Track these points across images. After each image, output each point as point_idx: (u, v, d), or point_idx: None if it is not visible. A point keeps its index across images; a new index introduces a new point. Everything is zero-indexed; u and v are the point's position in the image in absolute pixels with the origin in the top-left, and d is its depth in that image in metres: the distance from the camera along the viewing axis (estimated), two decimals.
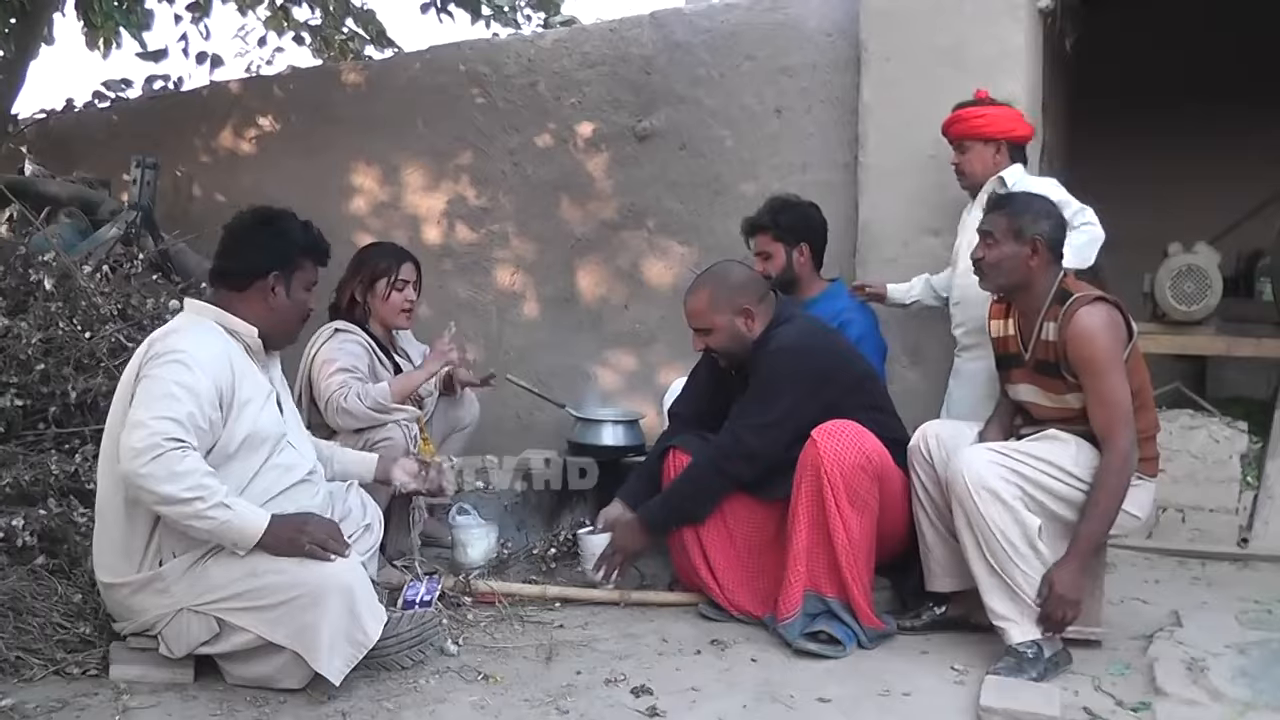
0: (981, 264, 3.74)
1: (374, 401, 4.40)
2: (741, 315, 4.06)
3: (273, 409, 3.48)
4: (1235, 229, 7.04)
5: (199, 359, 3.23)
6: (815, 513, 3.79)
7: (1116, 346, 3.52)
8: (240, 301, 3.47)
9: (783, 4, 5.73)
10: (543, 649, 3.73)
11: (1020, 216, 3.66)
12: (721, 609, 4.05)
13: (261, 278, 3.47)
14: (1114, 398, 3.50)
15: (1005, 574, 3.48)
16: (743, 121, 5.83)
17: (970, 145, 4.55)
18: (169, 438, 3.08)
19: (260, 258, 3.48)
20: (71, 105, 8.75)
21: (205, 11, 8.95)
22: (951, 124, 4.60)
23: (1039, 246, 3.63)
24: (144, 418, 3.10)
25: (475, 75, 6.53)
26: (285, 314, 3.54)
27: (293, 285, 3.53)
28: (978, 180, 4.57)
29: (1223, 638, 3.71)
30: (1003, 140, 4.52)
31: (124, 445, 3.10)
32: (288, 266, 3.51)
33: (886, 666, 3.60)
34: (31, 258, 4.96)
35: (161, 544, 3.25)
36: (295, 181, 6.94)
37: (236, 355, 3.38)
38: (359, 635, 3.21)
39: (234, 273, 3.50)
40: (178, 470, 3.06)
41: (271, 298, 3.49)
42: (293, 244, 3.55)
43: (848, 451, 3.77)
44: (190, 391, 3.17)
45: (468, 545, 4.52)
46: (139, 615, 3.30)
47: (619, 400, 6.03)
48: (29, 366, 4.40)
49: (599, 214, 6.25)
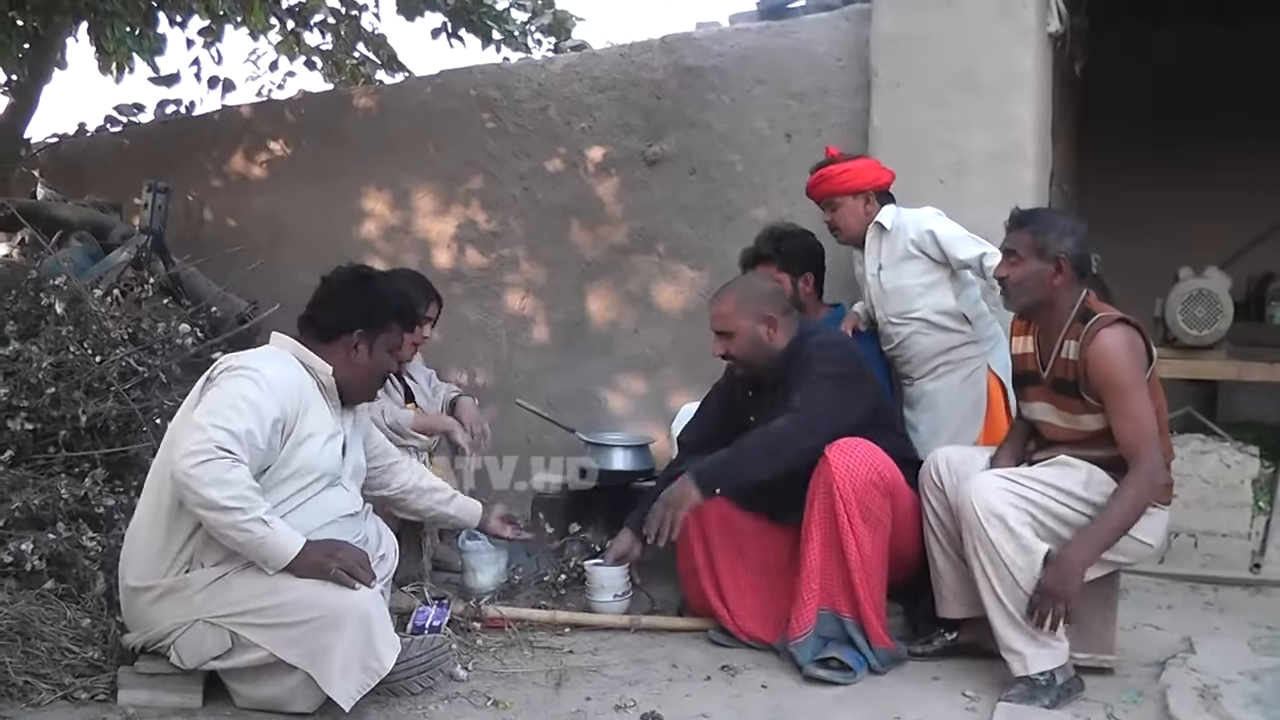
0: (1005, 283, 3.71)
1: (395, 421, 4.44)
2: (765, 323, 4.06)
3: (335, 449, 3.52)
4: (1246, 253, 7.05)
5: (271, 381, 3.31)
6: (828, 530, 3.78)
7: (1138, 367, 3.50)
8: (323, 351, 3.54)
9: (793, 29, 5.75)
10: (552, 674, 3.72)
11: (1045, 234, 3.62)
12: (731, 635, 4.04)
13: (347, 334, 3.54)
14: (1138, 414, 3.47)
15: (1014, 602, 3.46)
16: (753, 146, 5.84)
17: (840, 201, 4.66)
18: (222, 447, 3.12)
19: (349, 315, 3.55)
20: (84, 129, 8.80)
21: (217, 36, 8.99)
22: (817, 185, 4.71)
23: (1063, 265, 3.60)
24: (204, 422, 3.17)
25: (486, 100, 6.55)
26: (364, 371, 3.60)
27: (375, 346, 3.59)
28: (855, 233, 4.69)
29: (1236, 664, 3.69)
30: (869, 190, 4.63)
31: (181, 443, 3.16)
32: (374, 328, 3.58)
33: (897, 693, 3.58)
34: (43, 281, 4.96)
35: (194, 553, 3.27)
36: (306, 206, 6.96)
37: (309, 388, 3.45)
38: (373, 663, 3.20)
39: (321, 324, 3.57)
40: (224, 478, 3.10)
41: (354, 354, 3.56)
42: (384, 306, 3.62)
43: (860, 467, 3.76)
44: (254, 408, 3.23)
45: (477, 570, 4.51)
46: (156, 624, 3.29)
47: (629, 425, 6.02)
48: (40, 390, 4.41)
49: (609, 238, 6.26)
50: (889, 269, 4.58)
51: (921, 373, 4.61)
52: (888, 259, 4.59)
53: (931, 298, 4.52)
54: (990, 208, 4.59)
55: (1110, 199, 6.95)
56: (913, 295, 4.54)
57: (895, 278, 4.55)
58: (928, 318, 4.54)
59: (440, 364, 6.12)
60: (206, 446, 3.11)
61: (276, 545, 3.18)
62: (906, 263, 4.53)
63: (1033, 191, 4.91)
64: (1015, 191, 4.86)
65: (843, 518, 3.74)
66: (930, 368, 4.59)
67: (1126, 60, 7.10)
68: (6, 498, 3.93)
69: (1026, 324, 3.83)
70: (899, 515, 3.86)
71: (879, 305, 4.66)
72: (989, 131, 4.95)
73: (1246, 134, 7.16)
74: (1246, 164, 7.25)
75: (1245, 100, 7.26)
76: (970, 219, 4.65)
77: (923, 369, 4.61)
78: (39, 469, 4.28)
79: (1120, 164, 7.17)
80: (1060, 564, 3.43)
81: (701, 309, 5.93)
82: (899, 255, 4.54)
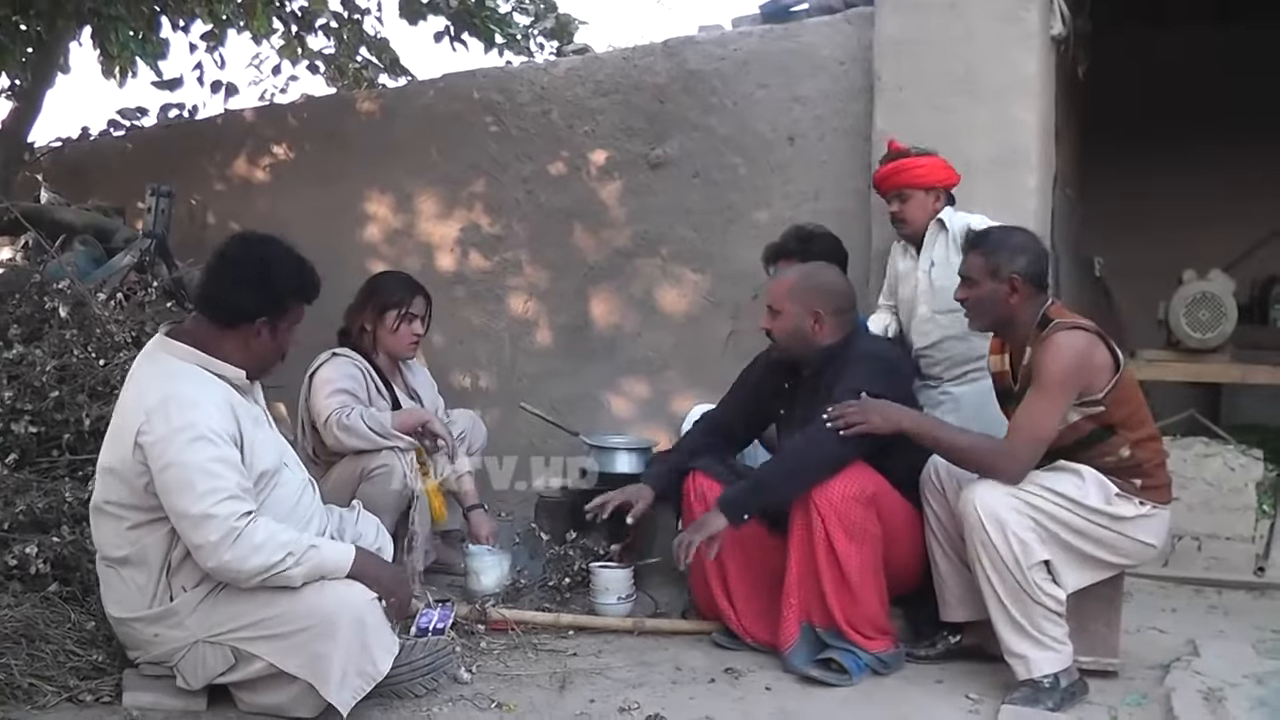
0: (965, 305, 3.80)
1: (378, 424, 4.42)
2: (811, 316, 4.05)
3: (268, 434, 3.46)
4: (1250, 256, 7.05)
5: (214, 427, 3.16)
6: (806, 546, 3.79)
7: (1072, 375, 3.52)
8: (223, 338, 3.33)
9: (795, 32, 5.75)
10: (556, 677, 3.72)
11: (996, 255, 3.69)
12: (736, 637, 4.05)
13: (249, 321, 3.33)
14: (1039, 415, 3.52)
15: (1017, 606, 3.47)
16: (756, 149, 5.84)
17: (912, 194, 4.65)
18: (239, 516, 3.09)
19: (250, 303, 3.33)
20: (87, 133, 8.80)
21: (220, 40, 8.99)
22: (894, 175, 4.69)
23: (1017, 284, 3.66)
24: (205, 509, 3.07)
25: (489, 103, 6.55)
26: (266, 353, 3.42)
27: (279, 328, 3.40)
28: (919, 227, 4.68)
29: (1240, 667, 3.69)
30: (941, 187, 4.65)
31: (197, 543, 3.10)
32: (276, 312, 3.37)
33: (901, 696, 3.59)
34: (46, 285, 4.97)
35: (172, 580, 3.24)
36: (309, 209, 6.96)
37: (229, 394, 3.30)
38: (369, 668, 3.19)
39: (221, 310, 3.35)
40: (257, 543, 3.09)
41: (254, 340, 3.35)
42: (284, 288, 3.39)
43: (836, 483, 3.74)
44: (225, 463, 3.14)
45: (481, 573, 4.52)
46: (154, 647, 3.29)
47: (632, 428, 6.02)
48: (44, 394, 4.40)
49: (612, 242, 6.26)
50: (940, 265, 4.59)
51: (951, 375, 4.61)
52: (940, 256, 4.60)
53: None
54: (993, 212, 4.61)
55: (1113, 202, 6.96)
56: None
57: (945, 275, 4.54)
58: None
59: (444, 367, 6.13)
60: (226, 528, 3.06)
61: (333, 558, 3.24)
62: (957, 261, 4.53)
63: (1036, 195, 4.92)
64: (1018, 195, 4.88)
65: (819, 533, 3.73)
66: (961, 371, 4.59)
67: (1129, 63, 7.10)
68: (11, 501, 3.92)
69: (1001, 343, 3.87)
70: (897, 526, 3.86)
71: (923, 301, 4.65)
72: (992, 135, 4.95)
73: (1250, 136, 7.17)
74: (1250, 166, 7.26)
75: (1249, 102, 7.27)
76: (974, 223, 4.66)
77: (953, 372, 4.61)
78: (43, 472, 4.28)
79: (1123, 167, 7.17)
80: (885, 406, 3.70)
81: (704, 312, 5.95)
82: (952, 253, 4.55)
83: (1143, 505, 3.56)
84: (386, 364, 4.83)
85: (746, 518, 3.82)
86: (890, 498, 3.84)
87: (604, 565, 4.43)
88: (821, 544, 3.73)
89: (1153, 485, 3.61)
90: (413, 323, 4.80)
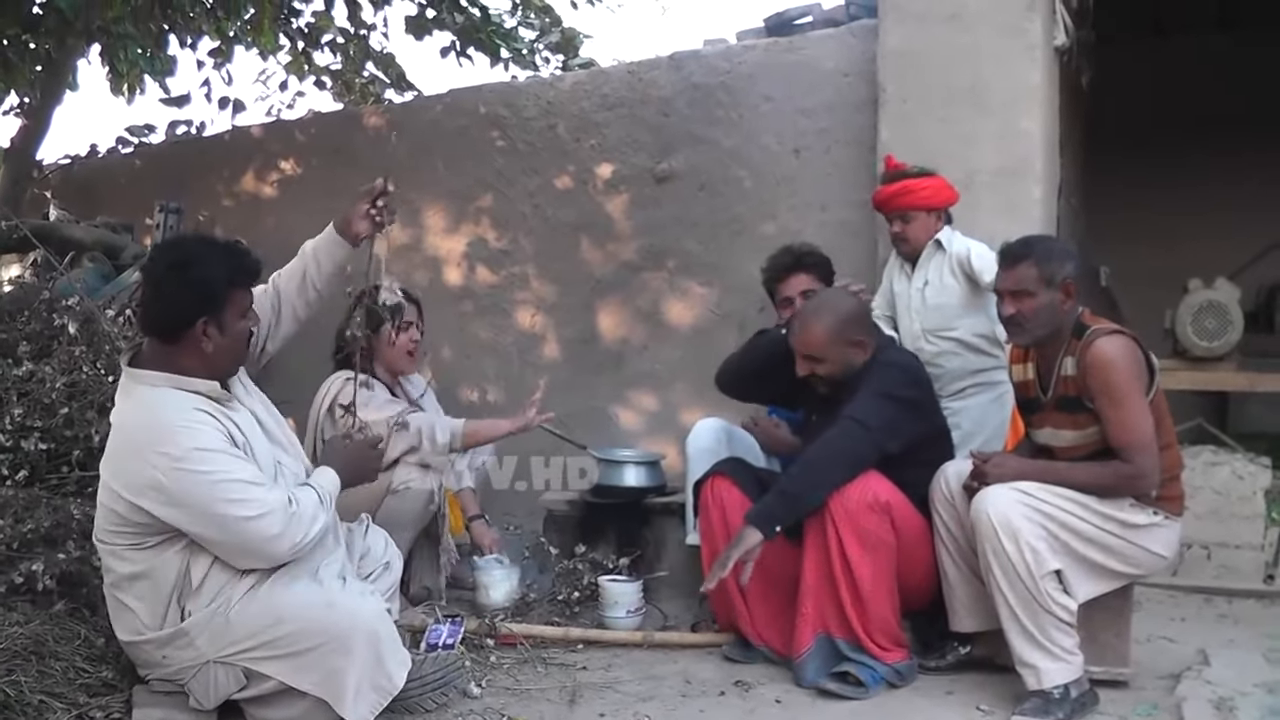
0: (1017, 318, 3.66)
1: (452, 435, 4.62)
2: (855, 346, 4.01)
3: (257, 429, 3.38)
4: (1255, 264, 7.04)
5: (213, 442, 3.15)
6: (822, 554, 3.78)
7: (1135, 375, 3.50)
8: (177, 354, 3.23)
9: (799, 45, 5.77)
10: (566, 691, 3.72)
11: (1049, 263, 3.61)
12: (746, 649, 4.05)
13: (189, 327, 3.21)
14: (1134, 423, 3.48)
15: (1028, 615, 3.46)
16: (761, 162, 5.85)
17: (915, 215, 4.65)
18: (281, 502, 3.14)
19: (183, 308, 3.21)
20: (95, 150, 8.84)
21: (227, 57, 9.05)
22: (899, 196, 4.66)
23: (1071, 289, 3.62)
24: (253, 511, 3.10)
25: (495, 118, 6.58)
26: (223, 352, 3.28)
27: (225, 322, 3.26)
28: (920, 247, 4.68)
29: (1251, 676, 3.68)
30: (943, 208, 4.67)
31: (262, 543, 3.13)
32: (212, 308, 3.23)
33: (911, 707, 3.58)
34: (55, 302, 4.98)
35: (183, 602, 3.22)
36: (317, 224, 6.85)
37: (211, 408, 3.23)
38: (384, 682, 3.19)
39: (163, 327, 3.24)
40: (304, 514, 3.18)
41: (205, 344, 3.22)
42: (211, 282, 3.23)
43: (852, 490, 3.74)
44: (239, 463, 3.15)
45: (490, 587, 4.53)
46: (164, 667, 3.28)
47: (639, 441, 6.03)
48: (53, 410, 4.42)
49: (619, 255, 6.27)
50: (935, 285, 4.60)
51: (949, 391, 4.60)
52: (934, 276, 4.62)
53: (970, 320, 4.54)
54: (998, 223, 4.61)
55: (1118, 212, 6.96)
56: (952, 315, 4.57)
57: (939, 294, 4.56)
58: (964, 339, 4.56)
59: (452, 381, 6.14)
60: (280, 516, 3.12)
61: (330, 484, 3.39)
62: (951, 282, 4.56)
63: (1041, 206, 4.92)
64: (1023, 206, 4.88)
65: (834, 542, 3.74)
66: (959, 387, 4.60)
67: (1133, 72, 7.11)
68: (21, 518, 3.93)
69: (1025, 351, 3.84)
70: (912, 538, 3.84)
71: (917, 319, 4.66)
72: (997, 146, 4.95)
73: (1254, 144, 7.17)
74: (1254, 174, 7.26)
75: (1253, 111, 7.27)
76: (978, 235, 4.65)
77: (951, 388, 4.60)
78: (53, 489, 4.30)
79: (1127, 176, 7.18)
80: (1005, 460, 3.61)
81: (712, 325, 5.96)
82: (946, 274, 4.56)
83: (1155, 515, 3.55)
84: (389, 380, 4.83)
85: (778, 529, 3.77)
86: (905, 509, 3.83)
87: (613, 579, 4.43)
88: (836, 552, 3.73)
89: (1167, 496, 3.60)
90: (409, 330, 4.80)
